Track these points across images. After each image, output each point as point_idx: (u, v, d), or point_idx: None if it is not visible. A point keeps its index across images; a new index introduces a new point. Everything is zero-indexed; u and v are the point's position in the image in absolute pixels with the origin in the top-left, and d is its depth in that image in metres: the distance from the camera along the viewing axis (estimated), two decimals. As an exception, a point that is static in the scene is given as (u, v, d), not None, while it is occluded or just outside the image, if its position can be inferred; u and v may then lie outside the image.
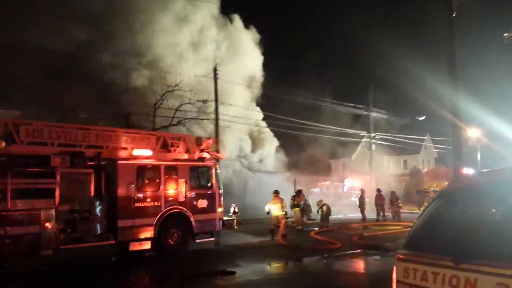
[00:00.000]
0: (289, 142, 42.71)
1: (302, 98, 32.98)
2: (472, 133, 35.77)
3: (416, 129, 45.59)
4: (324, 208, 20.86)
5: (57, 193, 10.86)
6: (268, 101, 35.52)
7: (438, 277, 3.45)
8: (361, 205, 25.11)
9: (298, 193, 21.51)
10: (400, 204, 23.65)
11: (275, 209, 17.59)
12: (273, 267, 11.83)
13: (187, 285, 9.88)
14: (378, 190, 24.85)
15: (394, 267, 3.97)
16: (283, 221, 17.09)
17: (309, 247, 15.23)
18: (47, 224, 10.59)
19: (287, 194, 22.75)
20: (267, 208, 18.06)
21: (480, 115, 29.16)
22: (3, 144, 10.47)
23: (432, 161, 57.99)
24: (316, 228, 19.51)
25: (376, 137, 37.27)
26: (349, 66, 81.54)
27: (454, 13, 13.29)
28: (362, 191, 26.31)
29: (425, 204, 20.83)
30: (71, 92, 21.86)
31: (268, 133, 40.82)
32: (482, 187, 3.83)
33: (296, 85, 39.78)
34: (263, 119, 37.28)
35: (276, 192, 18.39)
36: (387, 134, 39.50)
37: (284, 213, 17.55)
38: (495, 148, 36.84)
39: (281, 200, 17.92)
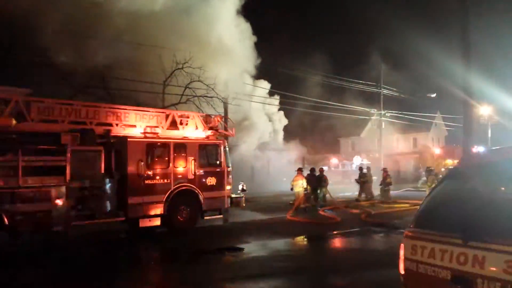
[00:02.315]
0: (297, 120, 42.61)
1: (312, 76, 32.74)
2: (484, 110, 35.37)
3: (426, 106, 45.11)
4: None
5: (67, 170, 10.94)
6: (275, 78, 35.19)
7: (446, 254, 3.45)
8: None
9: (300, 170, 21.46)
10: (388, 182, 22.27)
11: (297, 185, 18.83)
12: (281, 244, 11.92)
13: (196, 261, 10.02)
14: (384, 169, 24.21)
15: (402, 244, 3.98)
16: (301, 196, 18.54)
17: (317, 223, 15.39)
18: (57, 201, 10.72)
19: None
20: (290, 184, 19.36)
21: (492, 92, 28.79)
22: (14, 121, 10.53)
23: (442, 139, 57.53)
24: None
25: (386, 114, 36.97)
26: (358, 43, 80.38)
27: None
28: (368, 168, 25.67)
29: (428, 183, 20.67)
30: (79, 70, 21.82)
31: (276, 110, 40.66)
32: (492, 165, 3.80)
33: (304, 62, 39.40)
34: (271, 95, 36.99)
35: (300, 169, 19.68)
36: (397, 111, 39.14)
37: (303, 189, 18.79)
38: (506, 126, 36.47)
39: (303, 177, 19.20)
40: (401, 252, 3.96)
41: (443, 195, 4.07)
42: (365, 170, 23.54)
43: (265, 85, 35.03)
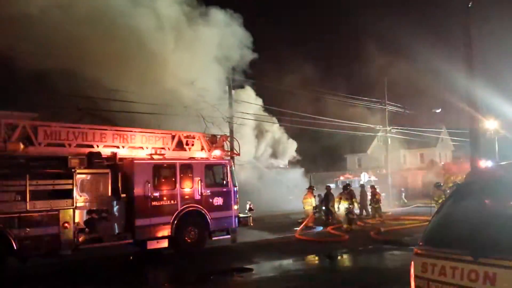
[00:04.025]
0: (303, 138, 42.60)
1: (316, 93, 32.83)
2: (490, 124, 35.19)
3: (432, 122, 45.04)
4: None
5: (75, 193, 10.99)
6: (281, 96, 35.24)
7: (457, 271, 3.41)
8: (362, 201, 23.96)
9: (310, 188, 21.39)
10: (377, 199, 21.55)
11: (306, 204, 19.34)
12: (291, 263, 11.81)
13: (205, 282, 9.94)
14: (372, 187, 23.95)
15: (412, 262, 3.94)
16: (310, 215, 18.87)
17: (325, 241, 15.27)
18: (65, 225, 10.73)
19: (302, 190, 22.81)
20: (302, 203, 19.92)
21: (498, 106, 28.66)
22: (22, 146, 10.63)
23: (449, 154, 57.26)
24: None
25: (392, 130, 36.87)
26: (362, 59, 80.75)
27: (471, 3, 13.13)
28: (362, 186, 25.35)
29: (435, 198, 20.41)
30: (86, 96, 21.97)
31: (280, 129, 40.76)
32: (500, 179, 3.78)
33: (308, 79, 39.53)
34: (277, 114, 37.02)
35: (310, 188, 20.22)
36: (403, 127, 39.03)
37: (312, 207, 19.21)
38: (513, 139, 36.19)
39: (313, 196, 19.71)
40: (411, 270, 3.92)
41: (452, 211, 4.04)
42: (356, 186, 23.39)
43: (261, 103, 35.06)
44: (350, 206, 18.47)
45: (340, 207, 18.52)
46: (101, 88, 21.33)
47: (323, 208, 20.26)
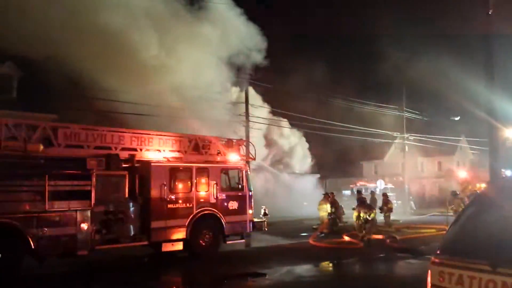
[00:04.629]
0: (319, 144, 42.45)
1: (333, 99, 32.72)
2: (510, 133, 34.63)
3: (451, 129, 44.48)
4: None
5: (92, 194, 11.11)
6: (295, 102, 35.16)
7: (475, 281, 3.38)
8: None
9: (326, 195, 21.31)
10: (389, 207, 21.14)
11: (321, 210, 19.35)
12: (304, 269, 11.76)
13: (218, 286, 9.96)
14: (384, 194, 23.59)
15: (429, 271, 3.91)
16: (325, 221, 18.86)
17: (340, 248, 15.17)
18: (83, 225, 10.86)
19: (317, 196, 22.79)
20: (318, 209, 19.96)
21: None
22: (41, 147, 10.80)
23: (468, 163, 56.44)
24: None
25: (410, 138, 36.54)
26: (380, 66, 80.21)
27: (491, 10, 12.97)
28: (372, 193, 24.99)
29: (452, 207, 20.13)
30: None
31: (296, 134, 40.73)
32: (520, 189, 3.73)
33: (326, 84, 39.32)
34: (291, 119, 37.01)
35: (326, 194, 20.42)
36: (421, 135, 38.66)
37: (327, 213, 19.15)
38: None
39: (328, 202, 19.68)
40: (428, 279, 3.89)
41: (470, 221, 4.00)
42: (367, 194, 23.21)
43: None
44: (329, 213, 19.09)
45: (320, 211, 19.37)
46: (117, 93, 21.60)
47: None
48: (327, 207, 18.85)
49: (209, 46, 25.78)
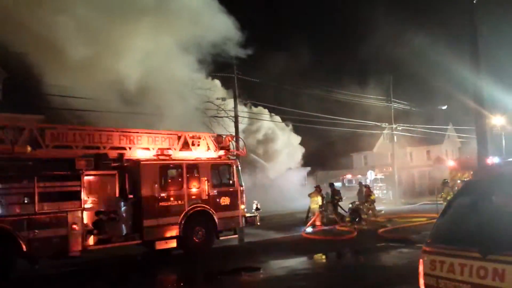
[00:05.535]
0: (308, 137, 42.58)
1: (321, 91, 32.76)
2: (497, 120, 34.99)
3: (438, 118, 44.79)
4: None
5: (82, 195, 11.06)
6: (285, 95, 35.12)
7: (465, 268, 3.41)
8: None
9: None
10: (372, 199, 21.03)
11: (313, 202, 19.23)
12: (298, 262, 11.82)
13: (213, 282, 9.96)
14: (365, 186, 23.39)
15: (421, 260, 3.94)
16: (316, 214, 18.66)
17: (333, 239, 15.27)
18: (74, 226, 10.79)
19: (308, 189, 22.85)
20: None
21: (505, 102, 28.47)
22: (29, 148, 10.69)
23: (456, 151, 56.95)
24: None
25: (398, 128, 36.74)
26: (367, 55, 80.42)
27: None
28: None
29: (443, 195, 20.43)
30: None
31: (285, 128, 40.81)
32: (507, 175, 3.77)
33: (313, 76, 39.42)
34: (281, 113, 36.99)
35: (317, 187, 20.27)
36: (409, 125, 38.88)
37: (319, 206, 19.03)
38: (521, 135, 35.95)
39: (319, 194, 19.56)
40: (420, 268, 3.92)
41: (459, 209, 4.04)
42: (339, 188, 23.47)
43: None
44: (320, 205, 19.02)
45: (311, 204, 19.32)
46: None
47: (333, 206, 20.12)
48: (319, 200, 18.92)
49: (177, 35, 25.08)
